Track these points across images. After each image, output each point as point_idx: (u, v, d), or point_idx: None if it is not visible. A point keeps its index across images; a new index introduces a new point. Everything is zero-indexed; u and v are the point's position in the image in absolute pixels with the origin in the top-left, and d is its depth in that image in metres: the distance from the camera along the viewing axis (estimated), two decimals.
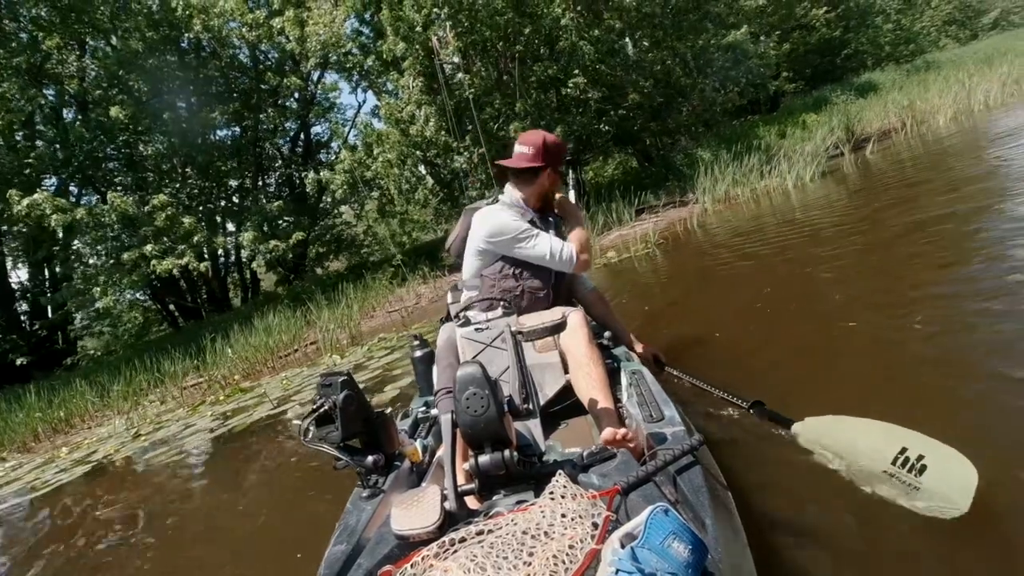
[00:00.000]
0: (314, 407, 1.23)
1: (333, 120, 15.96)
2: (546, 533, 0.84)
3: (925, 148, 6.16)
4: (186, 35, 10.45)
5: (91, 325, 11.38)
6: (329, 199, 13.21)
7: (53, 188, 10.45)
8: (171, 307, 14.00)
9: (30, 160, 9.24)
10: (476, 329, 1.58)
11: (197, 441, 4.09)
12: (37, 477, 4.51)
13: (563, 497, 0.91)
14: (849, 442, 1.45)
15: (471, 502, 1.15)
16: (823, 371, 2.16)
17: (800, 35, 19.92)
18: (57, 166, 9.84)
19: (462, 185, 10.60)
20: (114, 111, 8.79)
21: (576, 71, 9.43)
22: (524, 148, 1.95)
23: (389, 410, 1.36)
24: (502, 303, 1.72)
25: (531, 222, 1.95)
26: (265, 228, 10.79)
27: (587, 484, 1.06)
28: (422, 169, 10.64)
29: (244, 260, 13.86)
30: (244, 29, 9.54)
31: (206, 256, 10.59)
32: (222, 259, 13.38)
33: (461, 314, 1.70)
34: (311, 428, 1.22)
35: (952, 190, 4.03)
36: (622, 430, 1.32)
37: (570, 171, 2.51)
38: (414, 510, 0.98)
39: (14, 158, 9.08)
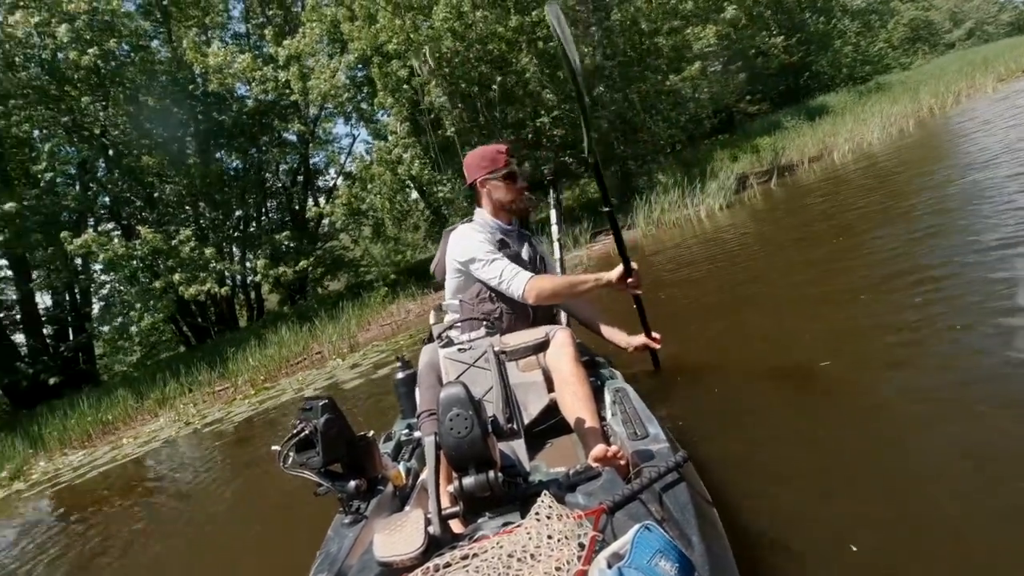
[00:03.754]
0: (293, 431, 1.20)
1: (330, 151, 17.49)
2: (532, 555, 0.84)
3: (819, 178, 7.55)
4: (201, 88, 11.97)
5: (121, 344, 12.62)
6: (327, 225, 14.61)
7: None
8: (184, 328, 15.36)
9: (67, 203, 10.65)
10: (459, 349, 1.55)
11: (240, 419, 5.45)
12: (116, 455, 5.84)
13: (549, 518, 0.90)
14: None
15: (456, 525, 1.14)
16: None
17: (761, 62, 21.29)
18: (89, 207, 11.24)
19: (448, 211, 12.07)
20: (145, 159, 10.20)
21: (542, 112, 10.93)
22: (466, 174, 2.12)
23: (371, 433, 1.35)
24: (484, 323, 1.69)
25: (500, 241, 1.99)
26: (270, 252, 12.17)
27: (573, 504, 1.05)
28: (415, 195, 12.10)
29: (250, 284, 15.24)
30: (253, 84, 10.99)
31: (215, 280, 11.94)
32: (229, 282, 14.74)
33: (444, 334, 1.69)
34: (291, 454, 1.20)
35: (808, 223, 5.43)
36: (613, 447, 1.34)
37: (551, 191, 2.71)
38: (397, 535, 0.97)
39: (54, 202, 10.49)
